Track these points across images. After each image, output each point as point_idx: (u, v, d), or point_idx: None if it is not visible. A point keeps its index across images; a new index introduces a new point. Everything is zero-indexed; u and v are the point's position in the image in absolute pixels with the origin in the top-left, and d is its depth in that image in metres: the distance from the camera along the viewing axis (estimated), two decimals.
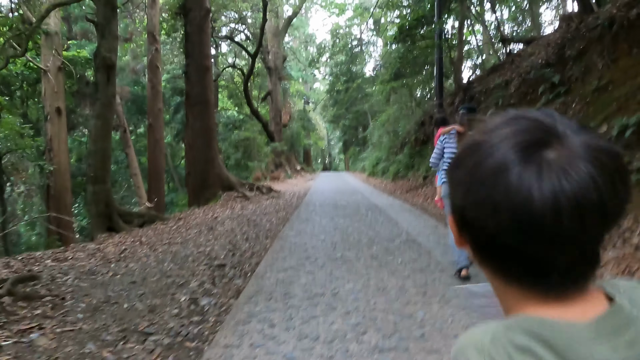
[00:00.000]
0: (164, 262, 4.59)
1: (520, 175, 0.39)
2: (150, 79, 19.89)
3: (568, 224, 0.38)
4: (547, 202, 0.37)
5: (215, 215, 8.74)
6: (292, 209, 9.77)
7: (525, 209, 0.38)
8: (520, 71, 9.10)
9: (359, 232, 6.23)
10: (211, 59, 13.97)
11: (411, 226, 6.61)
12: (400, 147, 19.86)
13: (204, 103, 13.05)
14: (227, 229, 6.77)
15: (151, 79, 19.79)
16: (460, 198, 0.46)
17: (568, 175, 0.38)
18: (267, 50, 29.66)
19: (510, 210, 0.39)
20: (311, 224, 7.22)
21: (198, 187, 12.76)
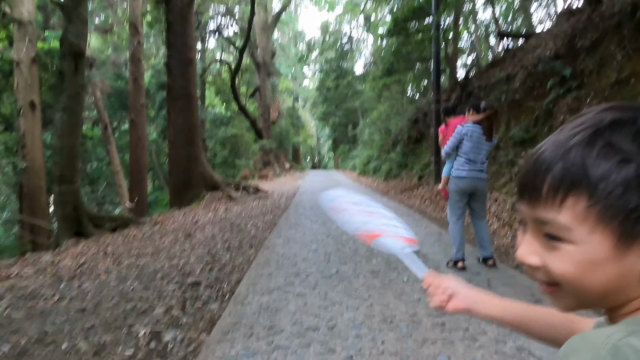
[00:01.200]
0: (126, 279, 3.88)
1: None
2: (132, 73, 19.04)
3: None
4: None
5: (196, 219, 8.01)
6: (281, 211, 9.08)
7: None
8: (525, 65, 8.52)
9: (354, 239, 5.57)
10: (195, 50, 13.18)
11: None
12: (393, 146, 19.26)
13: (186, 97, 12.28)
14: (207, 236, 6.05)
15: (133, 72, 18.94)
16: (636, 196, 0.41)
17: None
18: (255, 45, 28.83)
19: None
20: (301, 229, 6.54)
21: (180, 187, 11.99)
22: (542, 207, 0.45)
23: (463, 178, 4.05)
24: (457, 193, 4.11)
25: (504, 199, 6.66)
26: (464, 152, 4.03)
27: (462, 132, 4.01)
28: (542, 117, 7.22)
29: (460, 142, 4.01)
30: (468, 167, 4.03)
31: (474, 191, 4.12)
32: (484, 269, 4.02)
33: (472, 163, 4.03)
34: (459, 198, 4.12)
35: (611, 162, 0.41)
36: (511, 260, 4.29)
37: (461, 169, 4.05)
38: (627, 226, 0.41)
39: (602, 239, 0.42)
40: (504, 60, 10.77)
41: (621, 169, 0.41)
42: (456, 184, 4.08)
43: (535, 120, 7.39)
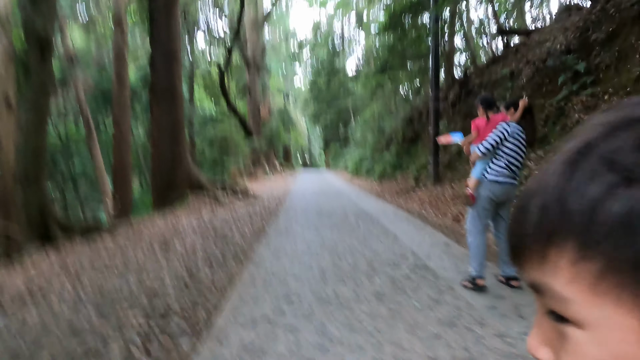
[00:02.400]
0: (82, 305, 3.22)
1: None
2: (116, 69, 18.28)
3: None
4: None
5: (178, 225, 7.34)
6: (270, 216, 8.45)
7: None
8: (531, 60, 7.99)
9: (352, 251, 4.97)
10: (180, 44, 12.47)
11: (415, 242, 5.38)
12: (386, 145, 18.73)
13: (171, 94, 11.57)
14: (187, 247, 5.40)
15: (117, 68, 18.19)
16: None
17: None
18: (245, 42, 28.10)
19: None
20: (292, 238, 5.92)
21: (164, 189, 11.29)
22: (529, 265, 0.31)
23: (500, 184, 3.47)
24: (489, 200, 3.51)
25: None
26: (506, 154, 3.45)
27: (509, 130, 3.44)
28: (553, 115, 6.69)
29: (502, 141, 3.43)
30: (507, 172, 3.45)
31: (506, 199, 3.54)
32: (507, 291, 3.44)
33: (511, 167, 3.46)
34: (490, 206, 3.53)
35: (603, 187, 0.26)
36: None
37: (499, 174, 3.47)
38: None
39: (620, 316, 0.26)
40: (506, 57, 10.26)
41: (619, 196, 0.26)
42: (491, 190, 3.48)
43: (545, 118, 6.86)
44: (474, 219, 3.57)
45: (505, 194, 3.49)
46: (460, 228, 6.15)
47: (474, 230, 3.55)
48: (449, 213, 7.17)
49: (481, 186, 3.50)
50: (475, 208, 3.56)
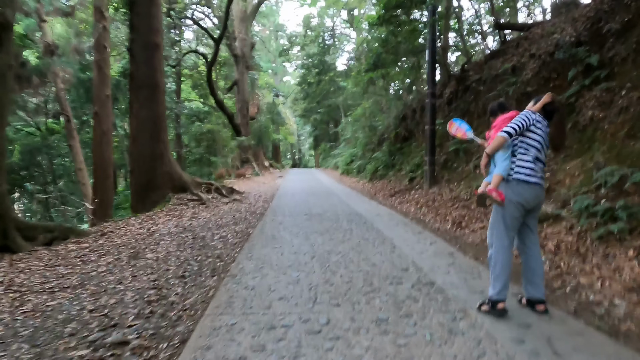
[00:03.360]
0: (15, 337, 2.60)
1: None
2: (96, 61, 17.45)
3: None
4: None
5: (154, 229, 6.70)
6: (256, 218, 7.84)
7: None
8: (537, 53, 7.49)
9: (346, 262, 4.39)
10: (162, 34, 11.76)
11: (415, 252, 4.82)
12: (378, 144, 18.20)
13: (151, 87, 10.89)
14: (159, 256, 4.78)
15: (98, 60, 17.37)
16: None
17: None
18: (233, 36, 27.33)
19: None
20: (279, 246, 5.32)
21: (143, 189, 10.61)
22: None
23: (530, 185, 2.90)
24: (518, 206, 2.91)
25: None
26: (533, 147, 2.90)
27: (532, 117, 2.90)
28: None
29: (527, 128, 2.90)
30: (536, 169, 2.92)
31: (536, 204, 2.99)
32: (533, 317, 2.89)
33: (538, 164, 2.92)
34: (519, 213, 2.94)
35: None
36: (564, 302, 3.17)
37: (528, 171, 2.91)
38: None
39: None
40: (505, 52, 9.76)
41: None
42: (520, 192, 2.90)
43: None
44: (499, 228, 2.98)
45: (537, 198, 2.93)
46: (464, 235, 5.62)
47: (499, 244, 2.97)
48: (449, 217, 6.63)
49: (507, 189, 2.94)
50: (501, 216, 2.97)
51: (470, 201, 7.01)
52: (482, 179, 3.27)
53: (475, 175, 7.94)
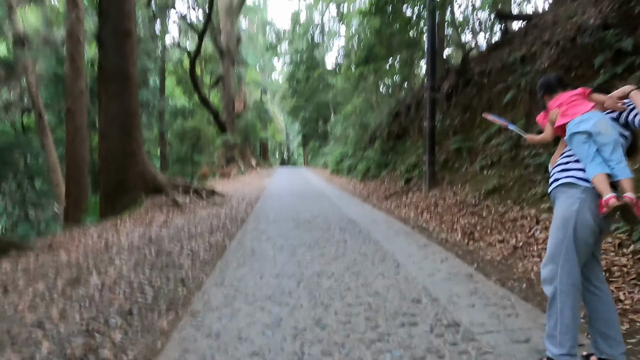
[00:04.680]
0: None
1: None
2: (69, 53, 16.29)
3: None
4: None
5: (114, 240, 5.71)
6: (236, 226, 6.90)
7: None
8: (553, 40, 6.66)
9: (342, 291, 3.48)
10: (135, 21, 10.70)
11: (425, 273, 3.93)
12: (370, 142, 17.33)
13: (122, 78, 9.85)
14: (107, 281, 3.81)
15: (71, 52, 16.21)
16: None
17: None
18: (218, 29, 26.22)
19: None
20: (258, 264, 4.39)
21: (112, 191, 9.58)
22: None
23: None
24: (592, 229, 2.07)
25: (541, 218, 4.73)
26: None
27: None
28: None
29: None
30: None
31: (608, 225, 2.14)
32: None
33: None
34: (591, 233, 2.07)
35: None
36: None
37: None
38: None
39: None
40: (511, 42, 8.94)
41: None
42: (590, 207, 2.06)
43: None
44: (569, 261, 2.08)
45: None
46: (479, 249, 4.75)
47: (567, 281, 2.06)
48: (457, 226, 5.77)
49: (582, 201, 2.06)
50: (572, 241, 2.08)
51: (480, 207, 6.16)
52: (492, 180, 2.48)
53: (483, 177, 7.09)
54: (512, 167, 6.32)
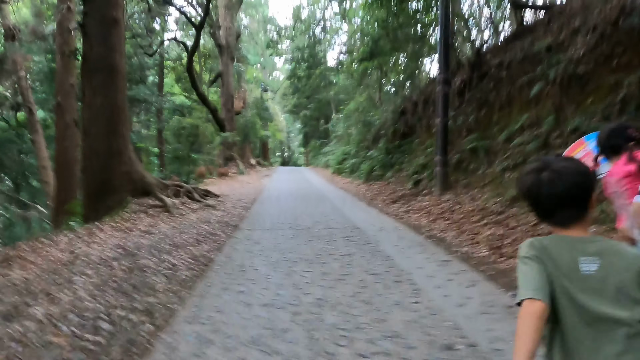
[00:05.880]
0: None
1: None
2: (59, 46, 15.51)
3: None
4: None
5: (83, 251, 4.95)
6: (227, 233, 6.13)
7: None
8: (586, 26, 5.86)
9: (351, 329, 2.71)
10: (123, 8, 9.93)
11: (453, 303, 3.14)
12: (374, 141, 16.52)
13: (108, 70, 9.08)
14: (56, 311, 3.04)
15: (61, 45, 15.43)
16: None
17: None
18: (217, 24, 25.43)
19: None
20: (246, 288, 3.62)
21: (96, 192, 8.82)
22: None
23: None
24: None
25: None
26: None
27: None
28: (636, 97, 4.58)
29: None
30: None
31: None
32: None
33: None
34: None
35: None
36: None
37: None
38: None
39: None
40: (533, 30, 8.15)
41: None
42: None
43: (621, 102, 4.74)
44: None
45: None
46: (513, 269, 3.96)
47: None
48: (480, 238, 4.99)
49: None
50: None
51: (505, 215, 5.37)
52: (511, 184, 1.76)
53: (505, 180, 6.31)
54: None
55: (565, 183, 0.99)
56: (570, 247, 1.00)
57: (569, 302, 0.97)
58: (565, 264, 0.99)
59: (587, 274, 0.97)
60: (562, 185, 1.00)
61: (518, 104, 7.21)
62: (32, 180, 24.80)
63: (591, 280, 0.97)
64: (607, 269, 0.97)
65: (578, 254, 0.99)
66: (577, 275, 0.98)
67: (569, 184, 1.00)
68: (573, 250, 1.00)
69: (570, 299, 0.97)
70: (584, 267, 0.98)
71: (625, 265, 0.96)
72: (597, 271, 0.96)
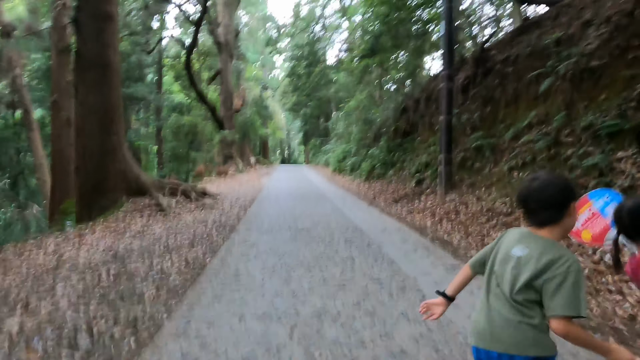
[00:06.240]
0: None
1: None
2: (55, 43, 15.28)
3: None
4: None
5: (70, 255, 4.70)
6: (223, 235, 5.87)
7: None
8: (599, 17, 5.60)
9: (354, 346, 2.46)
10: (117, 3, 9.66)
11: (465, 314, 2.88)
12: (374, 139, 16.25)
13: (102, 66, 8.85)
14: (32, 324, 2.79)
15: (57, 43, 15.19)
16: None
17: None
18: (216, 22, 25.13)
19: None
20: (240, 296, 3.37)
21: (90, 192, 8.59)
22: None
23: None
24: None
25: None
26: None
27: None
28: None
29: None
30: None
31: None
32: None
33: None
34: None
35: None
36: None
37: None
38: None
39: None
40: (540, 25, 7.89)
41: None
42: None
43: (638, 98, 4.48)
44: None
45: None
46: None
47: None
48: (488, 240, 4.73)
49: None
50: None
51: (515, 217, 5.12)
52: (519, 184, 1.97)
53: (513, 179, 6.05)
54: (552, 168, 5.28)
55: (548, 192, 1.25)
56: (522, 236, 1.32)
57: (489, 271, 1.38)
58: (506, 244, 1.35)
59: (512, 254, 1.30)
60: (545, 193, 1.26)
61: (525, 100, 6.94)
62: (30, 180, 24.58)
63: (513, 259, 1.29)
64: (525, 260, 1.26)
65: (516, 243, 1.31)
66: (505, 255, 1.33)
67: (551, 193, 1.25)
68: (519, 239, 1.32)
69: (492, 269, 1.37)
70: (513, 250, 1.30)
71: (534, 266, 1.23)
72: (519, 257, 1.27)
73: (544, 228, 1.27)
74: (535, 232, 1.28)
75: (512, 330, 1.26)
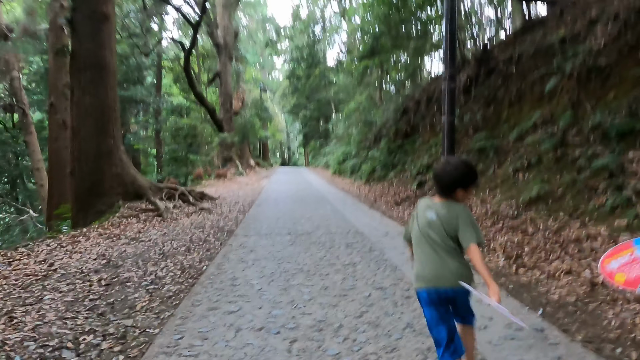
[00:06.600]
0: None
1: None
2: (52, 45, 15.14)
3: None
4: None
5: (62, 262, 4.54)
6: (221, 240, 5.71)
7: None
8: (609, 13, 5.45)
9: None
10: (113, 3, 9.52)
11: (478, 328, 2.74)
12: (375, 141, 16.11)
13: (98, 67, 8.71)
14: (11, 340, 2.63)
15: (54, 44, 15.05)
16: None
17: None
18: (215, 23, 25.00)
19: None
20: (236, 307, 3.21)
21: (85, 195, 8.43)
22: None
23: None
24: None
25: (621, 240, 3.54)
26: None
27: None
28: None
29: None
30: None
31: None
32: None
33: None
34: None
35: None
36: None
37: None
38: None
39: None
40: (543, 24, 7.75)
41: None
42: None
43: None
44: None
45: None
46: (537, 282, 3.53)
47: None
48: (495, 245, 4.56)
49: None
50: None
51: (521, 220, 4.95)
52: (533, 187, 3.90)
53: (518, 181, 5.89)
54: (559, 170, 5.12)
55: (453, 173, 1.80)
56: (428, 205, 1.86)
57: (416, 231, 1.87)
58: (422, 212, 1.87)
59: (429, 219, 1.80)
60: (452, 174, 1.81)
61: (529, 100, 6.80)
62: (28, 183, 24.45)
63: (430, 222, 1.80)
64: (439, 219, 1.78)
65: (428, 209, 1.84)
66: (424, 219, 1.83)
67: (455, 174, 1.81)
68: (428, 206, 1.86)
69: (417, 229, 1.86)
70: (428, 215, 1.82)
71: (446, 219, 1.76)
72: (434, 218, 1.78)
73: (447, 197, 1.82)
74: (441, 200, 1.84)
75: (453, 268, 1.75)
